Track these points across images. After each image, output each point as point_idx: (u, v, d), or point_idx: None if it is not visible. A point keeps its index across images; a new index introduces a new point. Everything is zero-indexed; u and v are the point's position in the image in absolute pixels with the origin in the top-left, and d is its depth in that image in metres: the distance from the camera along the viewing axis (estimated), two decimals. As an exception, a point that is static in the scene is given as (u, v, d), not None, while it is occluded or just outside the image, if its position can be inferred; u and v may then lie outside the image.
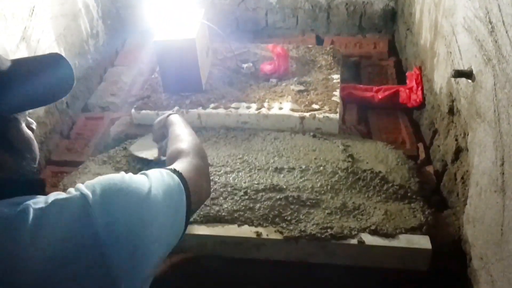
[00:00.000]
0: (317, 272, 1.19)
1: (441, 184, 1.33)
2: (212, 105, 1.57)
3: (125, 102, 1.80)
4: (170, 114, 1.19)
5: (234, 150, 1.42)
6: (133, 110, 1.59)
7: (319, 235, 1.14)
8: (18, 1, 1.40)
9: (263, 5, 2.21)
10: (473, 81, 1.08)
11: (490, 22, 0.97)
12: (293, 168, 1.32)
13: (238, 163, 1.36)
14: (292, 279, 1.22)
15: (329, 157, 1.36)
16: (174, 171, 0.81)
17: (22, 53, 1.41)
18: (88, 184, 0.66)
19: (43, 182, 0.71)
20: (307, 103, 1.55)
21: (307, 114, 1.50)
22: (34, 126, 0.73)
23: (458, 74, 1.11)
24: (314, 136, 1.47)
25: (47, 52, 1.54)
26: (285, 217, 1.19)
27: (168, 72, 1.59)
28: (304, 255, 1.18)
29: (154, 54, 1.65)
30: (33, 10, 1.48)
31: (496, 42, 0.94)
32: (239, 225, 1.20)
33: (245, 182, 1.28)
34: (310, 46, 1.91)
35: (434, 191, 1.34)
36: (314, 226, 1.16)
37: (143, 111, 1.58)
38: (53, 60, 0.71)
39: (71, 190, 0.65)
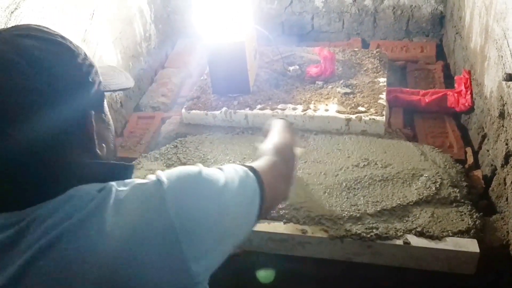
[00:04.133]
0: (362, 272, 1.21)
1: (490, 188, 1.32)
2: (259, 106, 1.61)
3: (175, 103, 1.88)
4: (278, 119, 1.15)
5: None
6: (183, 110, 1.66)
7: (364, 234, 1.16)
8: (80, 5, 1.49)
9: (309, 9, 2.24)
10: (525, 84, 1.08)
11: (545, 25, 0.97)
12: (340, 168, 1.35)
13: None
14: (336, 278, 1.24)
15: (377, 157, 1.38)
16: (251, 168, 0.80)
17: (82, 54, 1.50)
18: (166, 172, 0.69)
19: (133, 168, 0.75)
20: (353, 105, 1.57)
21: (353, 116, 1.52)
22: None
23: (510, 77, 1.10)
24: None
25: (104, 54, 1.64)
26: (330, 217, 1.21)
27: (217, 73, 1.64)
28: (349, 254, 1.19)
29: (203, 56, 1.71)
30: (93, 13, 1.57)
31: (551, 45, 0.94)
32: (285, 223, 1.23)
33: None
34: (356, 49, 1.93)
35: (482, 195, 1.33)
36: (360, 225, 1.18)
37: (193, 111, 1.64)
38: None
39: (150, 176, 0.69)
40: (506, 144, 1.22)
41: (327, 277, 1.26)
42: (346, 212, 1.21)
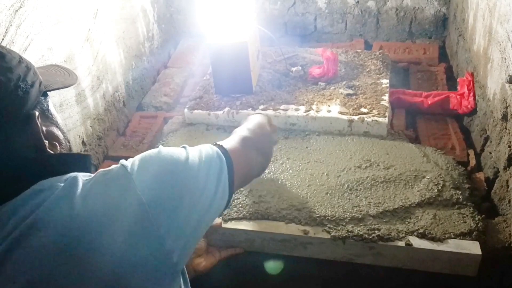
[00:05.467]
0: (364, 273, 1.21)
1: (492, 191, 1.32)
2: (261, 107, 1.61)
3: (177, 102, 1.88)
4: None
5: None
6: (186, 110, 1.66)
7: (366, 235, 1.16)
8: (83, 4, 1.50)
9: (312, 10, 2.24)
10: (529, 86, 1.07)
11: (549, 27, 0.97)
12: (344, 169, 1.35)
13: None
14: (337, 279, 1.24)
15: (379, 159, 1.38)
16: (215, 144, 0.84)
17: (85, 53, 1.50)
18: (129, 159, 0.72)
19: (91, 158, 0.78)
20: (355, 106, 1.57)
21: (355, 117, 1.52)
22: None
23: (514, 79, 1.10)
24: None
25: (107, 53, 1.64)
26: (332, 218, 1.21)
27: (220, 74, 1.64)
28: (351, 255, 1.19)
29: (206, 56, 1.71)
30: (96, 13, 1.57)
31: (555, 47, 0.94)
32: (286, 223, 1.23)
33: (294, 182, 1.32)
34: (359, 50, 1.93)
35: (485, 198, 1.33)
36: (362, 227, 1.18)
37: (196, 111, 1.64)
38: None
39: (113, 165, 0.71)
40: (509, 147, 1.22)
41: (328, 278, 1.26)
42: (348, 213, 1.21)
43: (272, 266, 1.25)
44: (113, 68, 1.70)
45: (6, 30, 1.15)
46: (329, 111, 1.56)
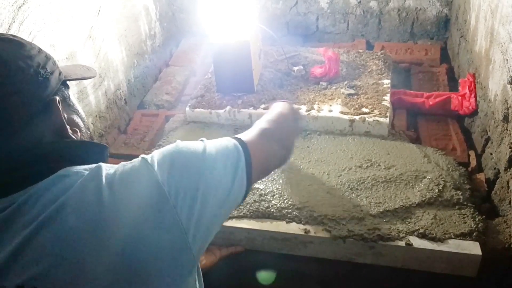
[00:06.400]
0: (364, 273, 1.21)
1: (493, 192, 1.32)
2: (263, 106, 1.61)
3: (179, 101, 1.88)
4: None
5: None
6: (187, 108, 1.66)
7: (366, 235, 1.16)
8: (86, 1, 1.50)
9: (314, 10, 2.24)
10: (530, 88, 1.08)
11: (551, 29, 0.97)
12: (343, 169, 1.35)
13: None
14: (337, 278, 1.24)
15: (380, 159, 1.38)
16: (234, 137, 0.85)
17: (87, 50, 1.51)
18: (148, 155, 0.74)
19: (107, 146, 0.80)
20: (357, 106, 1.57)
21: (357, 117, 1.52)
22: None
23: (515, 81, 1.11)
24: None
25: (110, 51, 1.65)
26: (332, 217, 1.22)
27: (222, 72, 1.64)
28: (351, 254, 1.19)
29: (208, 55, 1.71)
30: (99, 10, 1.57)
31: (557, 48, 0.94)
32: (287, 222, 1.23)
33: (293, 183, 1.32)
34: (360, 51, 1.93)
35: (485, 198, 1.33)
36: (362, 226, 1.18)
37: (197, 109, 1.64)
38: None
39: (133, 160, 0.73)
40: (510, 148, 1.22)
41: (328, 277, 1.26)
42: (348, 213, 1.22)
43: (264, 277, 1.26)
44: (115, 65, 1.71)
45: (9, 26, 1.15)
46: (330, 111, 1.56)
